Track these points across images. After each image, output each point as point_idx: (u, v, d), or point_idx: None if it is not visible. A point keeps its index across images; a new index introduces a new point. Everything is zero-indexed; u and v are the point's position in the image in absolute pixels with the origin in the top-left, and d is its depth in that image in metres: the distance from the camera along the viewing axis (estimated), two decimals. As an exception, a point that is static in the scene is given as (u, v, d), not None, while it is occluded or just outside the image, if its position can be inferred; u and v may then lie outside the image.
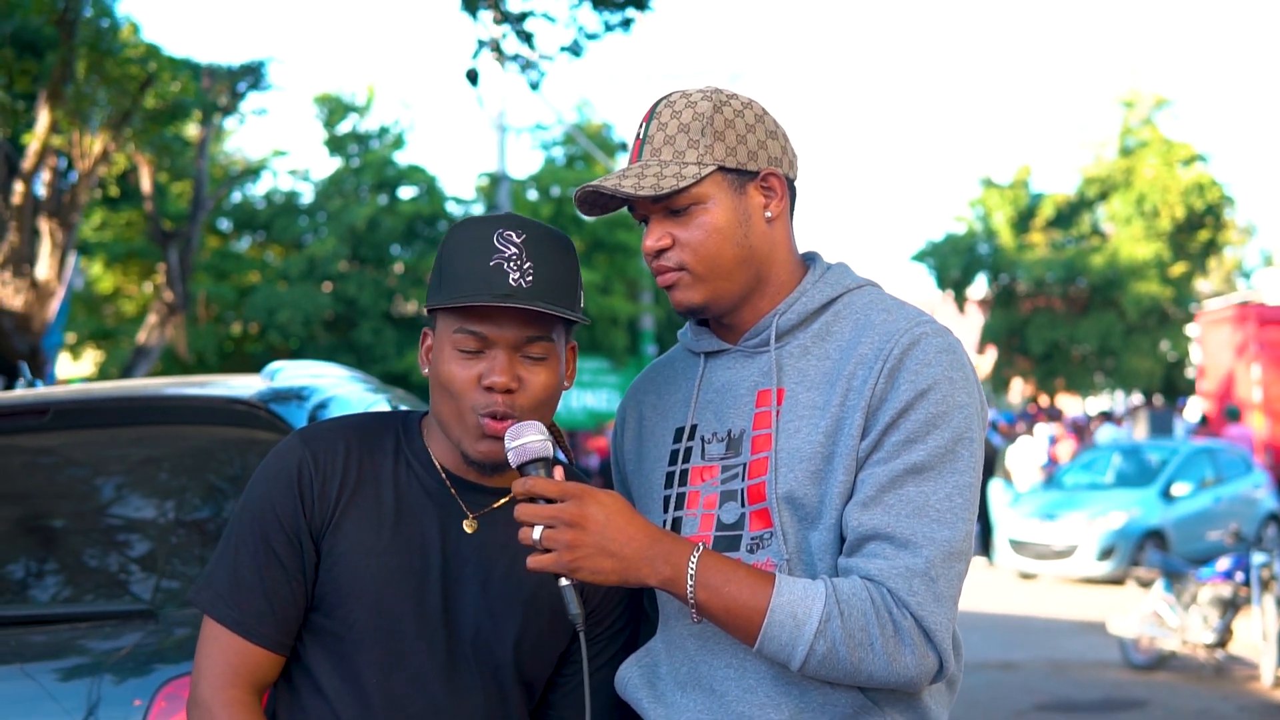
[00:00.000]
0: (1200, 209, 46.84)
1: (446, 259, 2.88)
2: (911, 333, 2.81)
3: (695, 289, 2.91)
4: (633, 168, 2.90)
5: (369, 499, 2.94)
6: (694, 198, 2.86)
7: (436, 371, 2.91)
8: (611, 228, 38.34)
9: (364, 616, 2.90)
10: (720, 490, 2.92)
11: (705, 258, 2.88)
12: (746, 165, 2.90)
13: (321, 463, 2.93)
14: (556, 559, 2.65)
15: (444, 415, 2.91)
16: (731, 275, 2.90)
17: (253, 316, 36.94)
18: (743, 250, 2.90)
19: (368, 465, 2.97)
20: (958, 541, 2.73)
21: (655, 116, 2.92)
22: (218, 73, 23.00)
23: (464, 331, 2.85)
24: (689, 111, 2.89)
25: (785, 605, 2.68)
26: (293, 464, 2.93)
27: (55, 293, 16.68)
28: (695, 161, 2.86)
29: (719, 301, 2.93)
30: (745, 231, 2.90)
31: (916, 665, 2.71)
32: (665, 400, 3.13)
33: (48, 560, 4.63)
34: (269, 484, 2.94)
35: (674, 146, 2.87)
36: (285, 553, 2.90)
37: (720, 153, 2.87)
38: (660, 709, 2.93)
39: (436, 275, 2.90)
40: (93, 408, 4.83)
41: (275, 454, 2.97)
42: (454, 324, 2.87)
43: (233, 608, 2.90)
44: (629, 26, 12.68)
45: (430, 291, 2.92)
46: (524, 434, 2.76)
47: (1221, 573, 14.42)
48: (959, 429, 2.77)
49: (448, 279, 2.86)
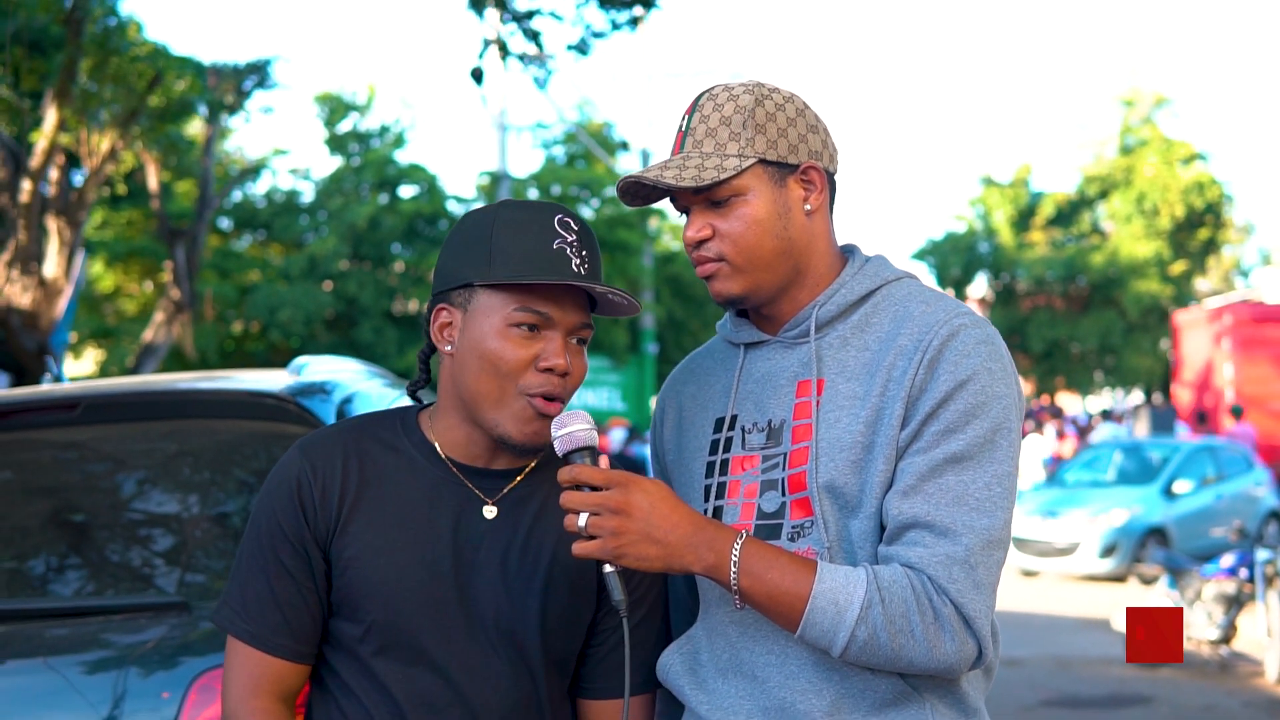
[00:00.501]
0: (1200, 207, 46.95)
1: (499, 236, 2.86)
2: (951, 324, 2.84)
3: (734, 280, 2.93)
4: (674, 159, 2.92)
5: (373, 500, 2.94)
6: (734, 189, 2.89)
7: (480, 349, 2.86)
8: (612, 226, 38.34)
9: (382, 616, 2.89)
10: (761, 479, 2.94)
11: (745, 249, 2.90)
12: (787, 159, 2.92)
13: (320, 472, 2.93)
14: (602, 546, 2.68)
15: (482, 394, 2.88)
16: (771, 267, 2.92)
17: (254, 315, 36.94)
18: (782, 242, 2.92)
19: (369, 466, 2.96)
20: (997, 530, 2.76)
21: (698, 109, 2.94)
22: (224, 71, 22.99)
23: (527, 310, 2.84)
24: (731, 104, 2.92)
25: (827, 592, 2.71)
26: (291, 476, 2.94)
27: (63, 291, 16.65)
28: (736, 154, 2.88)
29: (757, 293, 2.95)
30: (785, 224, 2.92)
31: (956, 652, 2.73)
32: (705, 391, 3.15)
33: (78, 554, 4.64)
34: (272, 498, 2.95)
35: (715, 139, 2.90)
36: (293, 564, 2.92)
37: (761, 145, 2.89)
38: (702, 695, 2.95)
39: (480, 250, 2.87)
40: (122, 402, 4.84)
41: (277, 467, 2.99)
42: (513, 302, 2.84)
43: (248, 622, 2.93)
44: (636, 25, 12.66)
45: (467, 265, 2.88)
46: (570, 423, 2.77)
47: (1226, 569, 14.45)
48: (997, 419, 2.79)
49: (503, 256, 2.84)
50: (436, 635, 2.90)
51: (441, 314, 2.94)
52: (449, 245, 2.95)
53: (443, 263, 2.96)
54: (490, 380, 2.86)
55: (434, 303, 2.97)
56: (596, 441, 2.78)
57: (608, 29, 12.73)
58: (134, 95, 18.50)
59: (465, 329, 2.89)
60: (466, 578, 2.92)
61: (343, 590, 2.91)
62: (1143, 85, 49.91)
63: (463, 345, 2.90)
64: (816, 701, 2.82)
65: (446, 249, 2.96)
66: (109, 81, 17.99)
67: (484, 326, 2.86)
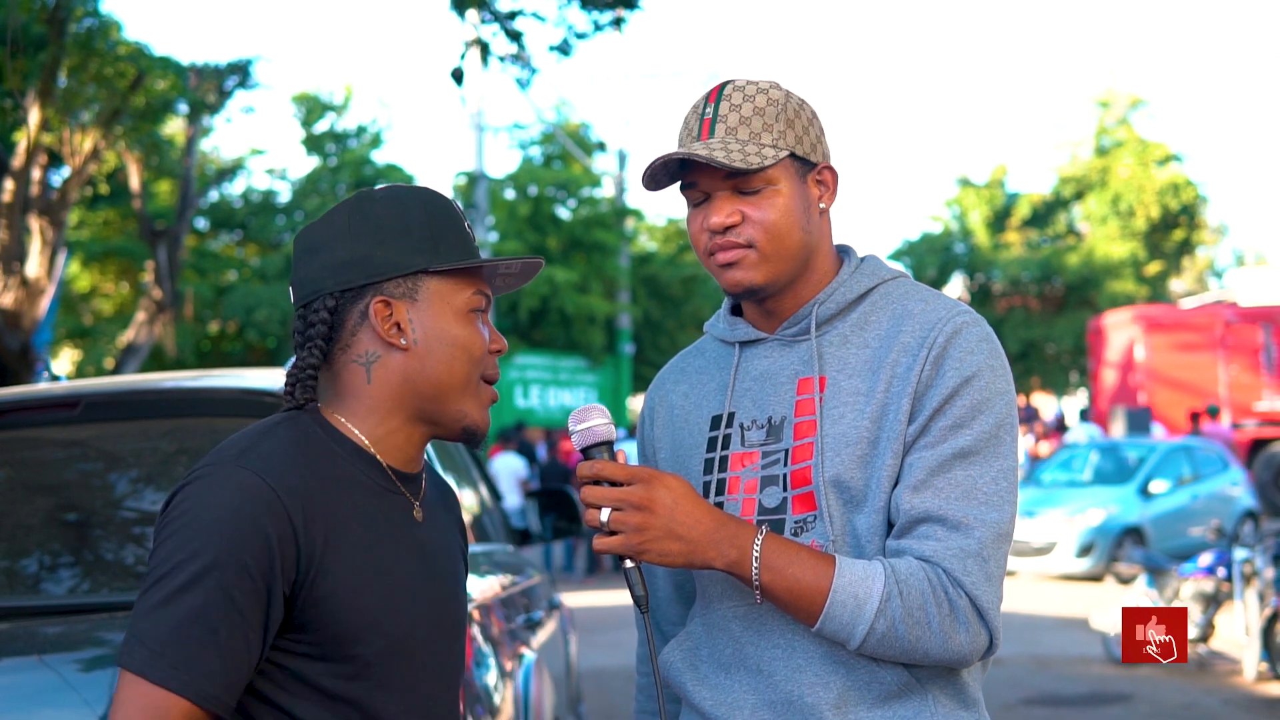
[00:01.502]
0: (1175, 209, 47.11)
1: (435, 219, 2.72)
2: (954, 321, 2.88)
3: (759, 269, 2.93)
4: (712, 142, 2.92)
5: (343, 524, 2.60)
6: (769, 179, 2.91)
7: (449, 337, 2.69)
8: (589, 227, 38.36)
9: (383, 645, 2.62)
10: (761, 475, 2.95)
11: (776, 236, 2.91)
12: (810, 156, 2.97)
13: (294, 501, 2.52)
14: (624, 541, 2.70)
15: (454, 384, 2.71)
16: (792, 259, 2.95)
17: (230, 315, 36.88)
18: (805, 235, 2.95)
19: (331, 488, 2.61)
20: (1005, 523, 2.80)
21: (725, 98, 2.95)
22: (205, 71, 22.97)
23: (481, 293, 2.75)
24: (762, 97, 2.94)
25: (847, 586, 2.74)
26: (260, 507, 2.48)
27: (45, 290, 16.65)
28: (771, 144, 2.91)
29: (774, 283, 2.96)
30: (807, 219, 2.96)
31: (970, 643, 2.78)
32: (699, 389, 3.16)
33: (76, 552, 4.65)
34: (230, 527, 2.45)
35: (750, 128, 2.91)
36: (247, 605, 2.45)
37: (791, 139, 2.93)
38: (705, 691, 2.97)
39: (423, 236, 2.69)
40: (123, 400, 4.85)
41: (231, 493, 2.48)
42: (466, 286, 2.72)
43: (180, 669, 2.39)
44: (620, 25, 12.68)
45: (411, 253, 2.68)
46: (590, 417, 2.78)
47: (1204, 568, 14.49)
48: (1001, 415, 2.84)
49: (447, 242, 2.71)
50: (427, 650, 2.75)
51: (380, 308, 2.66)
52: (364, 235, 2.68)
53: (364, 253, 2.68)
54: (463, 368, 2.71)
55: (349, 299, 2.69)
56: (614, 436, 2.79)
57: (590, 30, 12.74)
58: (116, 95, 18.51)
59: (420, 320, 2.69)
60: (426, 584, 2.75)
61: (328, 630, 2.56)
62: (1118, 86, 50.06)
63: (424, 337, 2.68)
64: (824, 695, 2.84)
65: (362, 239, 2.68)
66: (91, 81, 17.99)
67: (446, 314, 2.70)
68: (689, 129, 2.98)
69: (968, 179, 50.39)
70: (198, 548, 2.43)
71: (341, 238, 2.70)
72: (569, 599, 11.15)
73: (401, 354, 2.68)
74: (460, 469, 6.67)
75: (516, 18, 12.35)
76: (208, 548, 2.43)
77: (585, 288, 38.20)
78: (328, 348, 2.71)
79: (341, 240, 2.69)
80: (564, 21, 12.74)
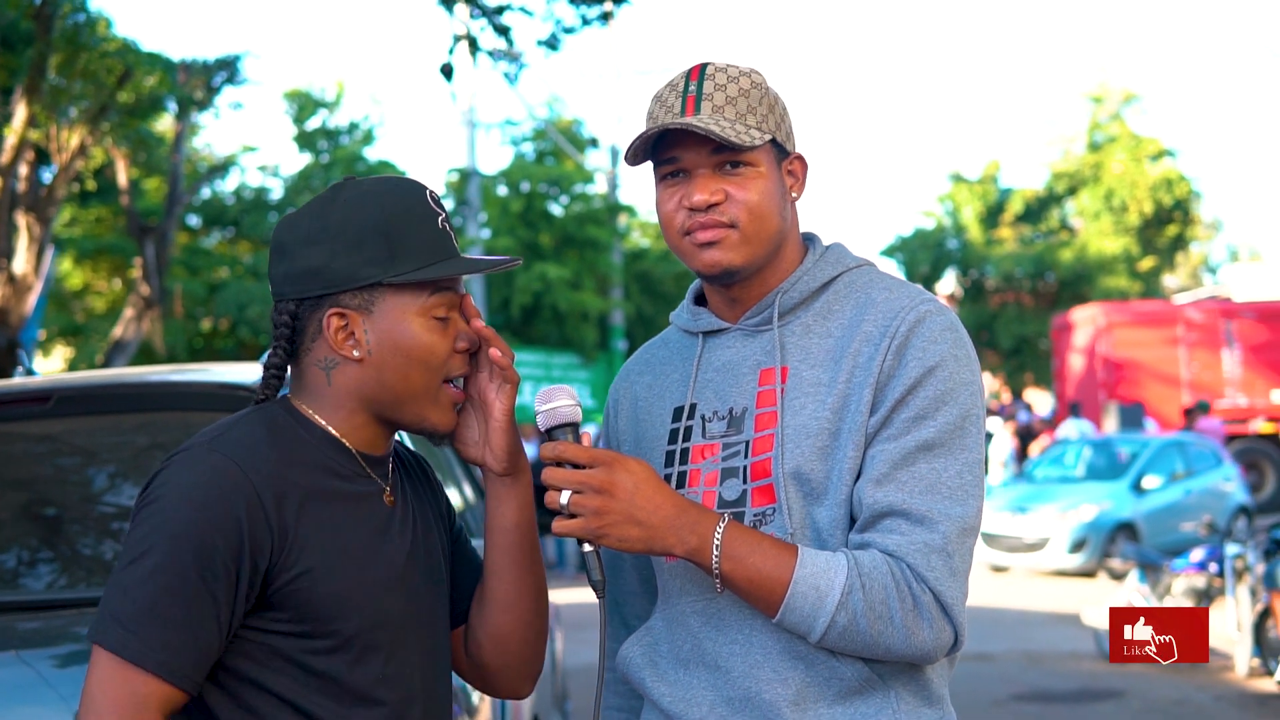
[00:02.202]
0: (1168, 204, 47.14)
1: (394, 226, 2.69)
2: (917, 310, 2.85)
3: (739, 249, 2.90)
4: (701, 117, 2.87)
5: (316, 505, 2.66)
6: (753, 160, 2.89)
7: (406, 346, 2.69)
8: (581, 223, 38.32)
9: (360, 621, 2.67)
10: (721, 468, 2.93)
11: (758, 217, 2.89)
12: (786, 144, 2.96)
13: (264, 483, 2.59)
14: (583, 525, 2.68)
15: (411, 392, 2.72)
16: (769, 242, 2.93)
17: (223, 312, 36.79)
18: (781, 221, 2.94)
19: (301, 472, 2.67)
20: (970, 518, 2.77)
21: (708, 77, 2.91)
22: (193, 67, 22.95)
23: (444, 298, 2.74)
24: (745, 79, 2.92)
25: (808, 577, 2.71)
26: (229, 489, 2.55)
27: (33, 287, 16.65)
28: (756, 126, 2.89)
29: (750, 265, 2.93)
30: (783, 205, 2.95)
31: (934, 639, 2.76)
32: (662, 380, 3.14)
33: (50, 546, 4.63)
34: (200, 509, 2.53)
35: (736, 108, 2.88)
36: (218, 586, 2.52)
37: (772, 125, 2.92)
38: (663, 687, 2.94)
39: (378, 246, 2.68)
40: (95, 394, 4.84)
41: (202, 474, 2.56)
42: (425, 293, 2.70)
43: (153, 647, 2.47)
44: (607, 20, 12.68)
45: (366, 264, 2.68)
46: (555, 398, 2.77)
47: (1195, 564, 14.49)
48: (966, 406, 2.81)
49: (406, 249, 2.69)
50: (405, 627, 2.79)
51: (334, 320, 2.69)
52: (320, 243, 2.69)
53: (320, 263, 2.69)
54: (420, 377, 2.72)
55: (308, 307, 2.73)
56: (580, 418, 2.78)
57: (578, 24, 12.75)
58: (103, 91, 18.49)
59: (375, 331, 2.70)
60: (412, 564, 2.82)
61: (305, 608, 2.62)
62: (1111, 82, 50.09)
63: (378, 348, 2.70)
64: (781, 691, 2.81)
65: (317, 247, 2.70)
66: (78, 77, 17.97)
67: (403, 325, 2.70)
68: (667, 106, 2.92)
69: (960, 174, 50.40)
70: (170, 529, 2.51)
71: (302, 244, 2.71)
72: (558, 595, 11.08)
73: (356, 364, 2.72)
74: (443, 466, 6.64)
75: (504, 12, 12.35)
76: (179, 528, 2.51)
77: (578, 284, 38.16)
78: (291, 348, 2.77)
79: (302, 247, 2.71)
80: (551, 16, 12.74)
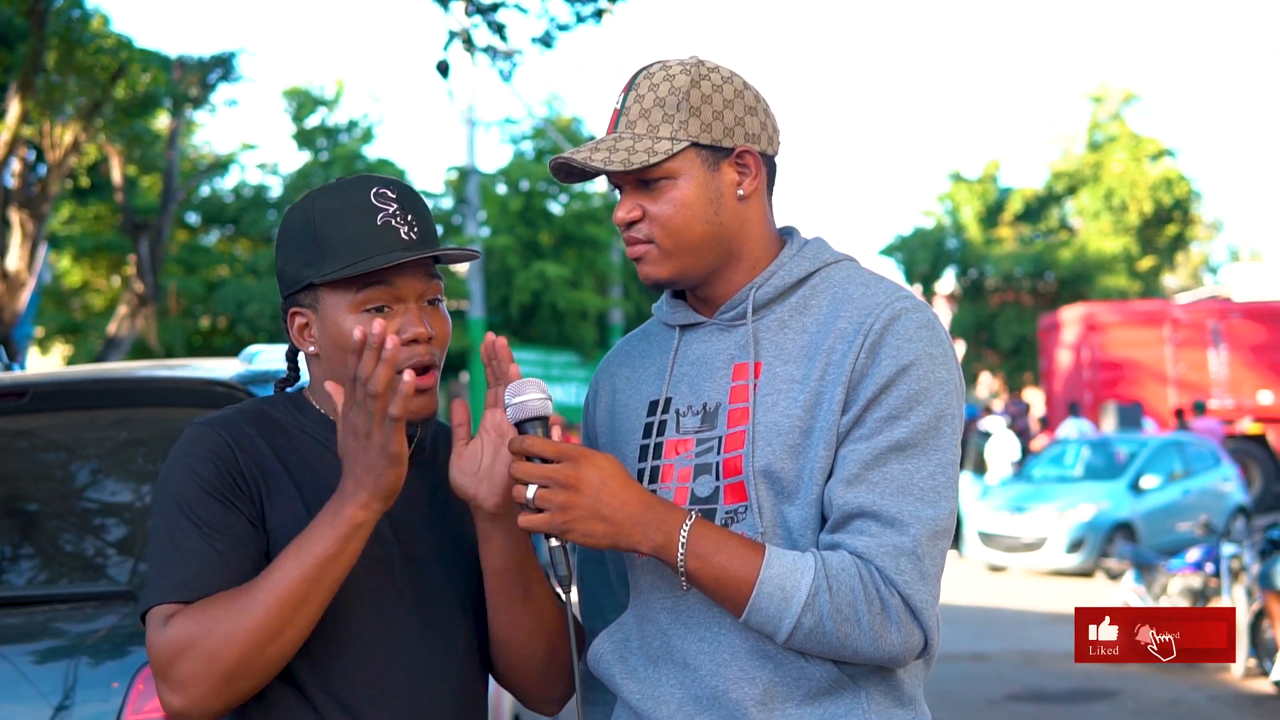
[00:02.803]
0: (1168, 204, 47.17)
1: (322, 228, 2.83)
2: (892, 307, 2.81)
3: (662, 264, 2.89)
4: (606, 140, 2.88)
5: (293, 471, 2.84)
6: (665, 173, 2.85)
7: (343, 339, 2.79)
8: (581, 221, 38.37)
9: None
10: (695, 464, 2.90)
11: (673, 232, 2.86)
12: (721, 142, 2.88)
13: (238, 443, 2.81)
14: (549, 520, 2.65)
15: None
16: (699, 251, 2.88)
17: (221, 310, 36.82)
18: (711, 227, 2.88)
19: (280, 439, 2.87)
20: (942, 520, 2.74)
21: (633, 88, 2.90)
22: (189, 64, 22.96)
23: (371, 296, 2.81)
24: (666, 85, 2.87)
25: (774, 578, 2.68)
26: (209, 445, 2.79)
27: (26, 284, 16.66)
28: (669, 137, 2.84)
29: (685, 277, 2.91)
30: (716, 209, 2.88)
31: (902, 643, 2.73)
32: (639, 373, 3.11)
33: (28, 542, 4.62)
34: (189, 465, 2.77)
35: (649, 120, 2.85)
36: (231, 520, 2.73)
37: (695, 129, 2.85)
38: (633, 684, 2.92)
39: (310, 248, 2.84)
40: (72, 390, 4.83)
41: (187, 443, 2.82)
42: (354, 292, 2.81)
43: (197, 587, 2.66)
44: (600, 17, 12.67)
45: (304, 266, 2.84)
46: (525, 391, 2.75)
47: (1192, 564, 14.48)
48: (940, 406, 2.77)
49: (331, 248, 2.81)
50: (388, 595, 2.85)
51: (296, 318, 2.91)
52: (281, 248, 2.89)
53: (280, 268, 2.91)
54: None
55: (286, 307, 2.93)
56: (550, 411, 2.76)
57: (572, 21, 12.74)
58: (98, 88, 18.50)
59: (321, 328, 2.87)
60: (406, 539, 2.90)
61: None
62: (1111, 81, 50.12)
63: (324, 344, 2.87)
64: (749, 690, 2.78)
65: (280, 252, 2.90)
66: (73, 73, 17.97)
67: (336, 320, 2.83)
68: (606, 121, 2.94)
69: (960, 174, 50.44)
70: (168, 490, 2.77)
71: (277, 249, 2.92)
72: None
73: (315, 358, 2.93)
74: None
75: (499, 9, 12.34)
76: (174, 486, 2.77)
77: (577, 283, 38.23)
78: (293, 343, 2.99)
79: (277, 251, 2.92)
80: (546, 13, 12.73)
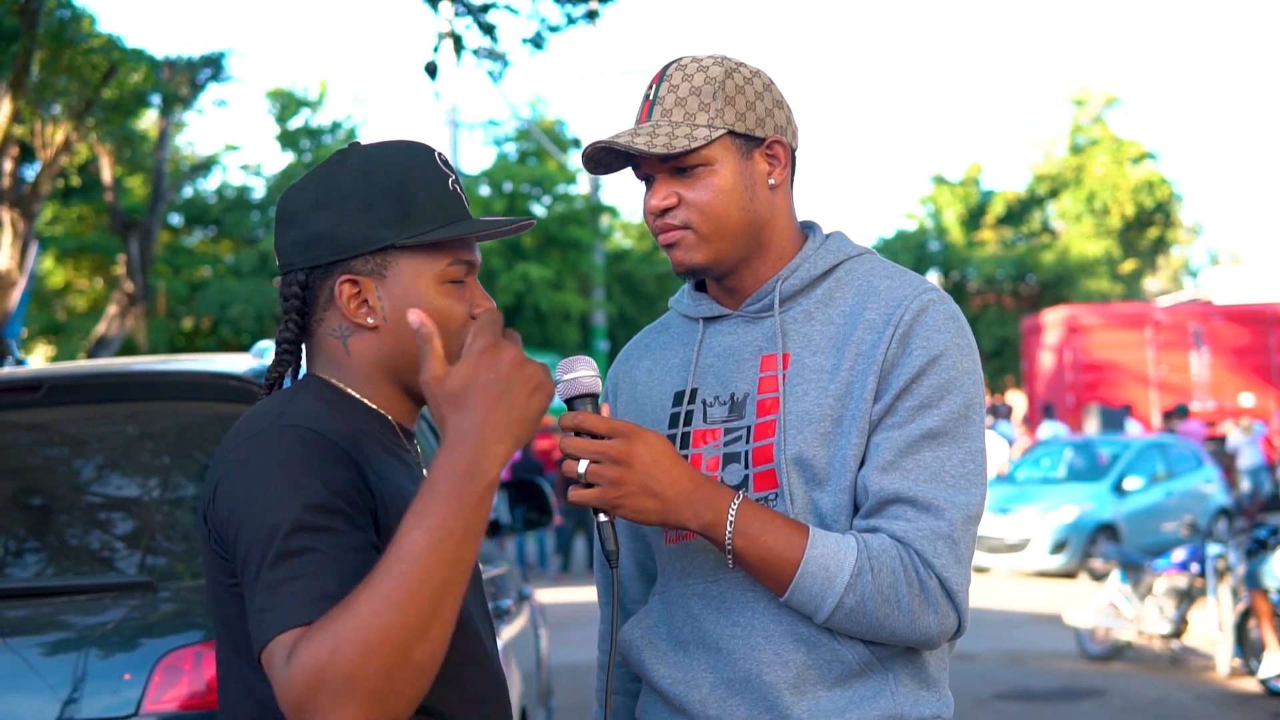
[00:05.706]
0: (1150, 206, 47.29)
1: (406, 184, 2.58)
2: (920, 299, 2.85)
3: (698, 249, 2.92)
4: (644, 127, 2.90)
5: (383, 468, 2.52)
6: (702, 159, 2.88)
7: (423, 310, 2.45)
8: (564, 223, 38.33)
9: None
10: (723, 453, 2.93)
11: (711, 217, 2.89)
12: (754, 131, 2.92)
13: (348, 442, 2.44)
14: (600, 494, 2.67)
15: None
16: (735, 237, 2.92)
17: (205, 311, 36.78)
18: (746, 214, 2.92)
19: (364, 437, 2.53)
20: (974, 506, 2.79)
21: (666, 78, 2.93)
22: (178, 64, 22.93)
23: (460, 263, 2.60)
24: (700, 75, 2.91)
25: (819, 557, 2.72)
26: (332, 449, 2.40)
27: (16, 283, 16.62)
28: (706, 124, 2.88)
29: (719, 263, 2.94)
30: (750, 196, 2.92)
31: (938, 624, 2.77)
32: (662, 365, 3.14)
33: (39, 535, 4.63)
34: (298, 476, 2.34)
35: (685, 108, 2.89)
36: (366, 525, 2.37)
37: (730, 117, 2.89)
38: (663, 669, 2.95)
39: (390, 204, 2.56)
40: (86, 384, 4.84)
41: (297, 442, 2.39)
42: (443, 257, 2.58)
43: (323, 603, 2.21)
44: (593, 18, 12.68)
45: (377, 226, 2.56)
46: (576, 368, 2.74)
47: (1177, 564, 14.50)
48: (968, 395, 2.83)
49: (419, 208, 2.58)
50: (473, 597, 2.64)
51: (347, 287, 2.56)
52: (329, 206, 2.58)
53: (330, 228, 2.58)
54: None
55: (318, 275, 2.61)
56: (600, 389, 2.76)
57: (563, 23, 12.75)
58: (88, 87, 18.48)
59: (390, 297, 2.57)
60: None
61: None
62: (1093, 84, 50.27)
63: (394, 314, 2.57)
64: (782, 673, 2.82)
65: (328, 212, 2.58)
66: (63, 73, 17.95)
67: (418, 289, 2.57)
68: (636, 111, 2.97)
69: (942, 177, 50.48)
70: (279, 510, 2.30)
71: (311, 210, 2.59)
72: (542, 595, 11.14)
73: (372, 332, 2.59)
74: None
75: (490, 10, 12.34)
76: (287, 506, 2.30)
77: (560, 285, 38.18)
78: (304, 321, 2.62)
79: (311, 213, 2.59)
80: (537, 14, 12.74)
